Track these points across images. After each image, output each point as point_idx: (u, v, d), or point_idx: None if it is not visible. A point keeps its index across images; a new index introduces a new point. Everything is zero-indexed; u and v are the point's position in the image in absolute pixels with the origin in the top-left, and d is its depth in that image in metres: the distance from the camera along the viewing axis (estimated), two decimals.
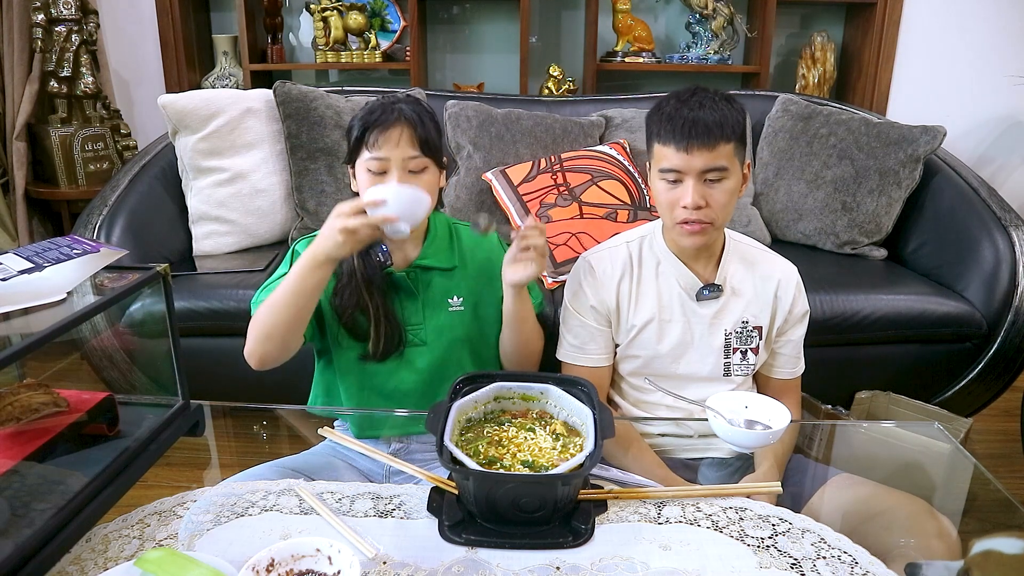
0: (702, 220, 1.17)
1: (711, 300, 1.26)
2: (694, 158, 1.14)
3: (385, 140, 1.19)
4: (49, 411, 0.88)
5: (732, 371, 1.29)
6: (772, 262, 1.31)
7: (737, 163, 1.18)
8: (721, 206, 1.18)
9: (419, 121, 1.22)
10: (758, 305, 1.28)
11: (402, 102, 1.24)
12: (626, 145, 2.37)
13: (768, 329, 1.29)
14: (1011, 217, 2.04)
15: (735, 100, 1.20)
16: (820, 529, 0.91)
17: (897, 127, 2.26)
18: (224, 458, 1.21)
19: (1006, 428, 2.23)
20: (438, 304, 1.29)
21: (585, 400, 1.00)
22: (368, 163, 1.21)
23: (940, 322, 1.93)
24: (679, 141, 1.15)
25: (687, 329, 1.27)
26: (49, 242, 0.92)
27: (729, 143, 1.16)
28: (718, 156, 1.15)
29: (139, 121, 3.03)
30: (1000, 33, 2.87)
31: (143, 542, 0.88)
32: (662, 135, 1.17)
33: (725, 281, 1.27)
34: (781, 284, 1.29)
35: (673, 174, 1.17)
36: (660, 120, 1.18)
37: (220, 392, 1.17)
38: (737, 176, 1.19)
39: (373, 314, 1.24)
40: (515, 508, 0.86)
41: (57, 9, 2.59)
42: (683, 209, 1.17)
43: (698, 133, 1.13)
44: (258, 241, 2.28)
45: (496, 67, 3.02)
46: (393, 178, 1.19)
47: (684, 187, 1.17)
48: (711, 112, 1.15)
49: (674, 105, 1.17)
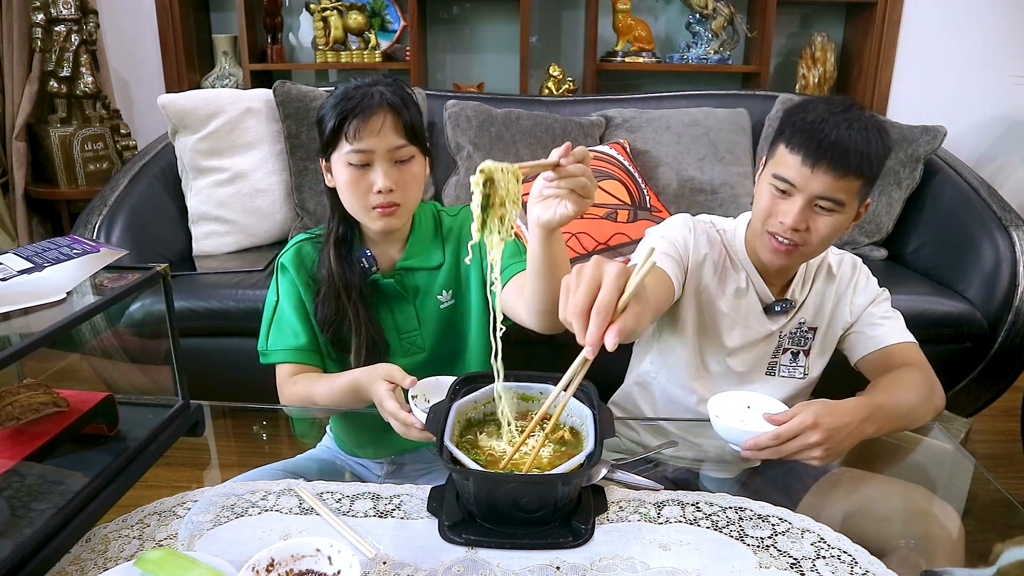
0: (794, 242, 1.09)
1: (779, 315, 1.22)
2: (815, 179, 1.05)
3: (367, 129, 1.09)
4: (49, 411, 0.87)
5: (778, 371, 1.24)
6: (837, 264, 1.25)
7: (856, 201, 1.08)
8: (820, 238, 1.09)
9: (403, 105, 1.12)
10: (815, 306, 1.23)
11: (380, 84, 1.13)
12: (626, 145, 2.37)
13: (825, 330, 1.24)
14: (1011, 217, 2.04)
15: (888, 133, 1.08)
16: (820, 529, 0.91)
17: (897, 127, 2.26)
18: (224, 458, 1.21)
19: (1006, 428, 2.23)
20: (431, 306, 1.24)
21: (585, 400, 1.00)
22: (349, 156, 1.11)
23: (940, 322, 1.93)
24: (808, 155, 1.04)
25: (747, 334, 1.23)
26: (49, 242, 0.92)
27: (859, 178, 1.05)
28: (840, 188, 1.05)
29: (139, 121, 3.03)
30: (1000, 33, 2.87)
31: (143, 542, 0.88)
32: (793, 141, 1.07)
33: (794, 295, 1.22)
34: (840, 280, 1.23)
35: (785, 184, 1.08)
36: (798, 124, 1.07)
37: (220, 392, 1.17)
38: (850, 213, 1.09)
39: (353, 322, 1.19)
40: (515, 508, 0.86)
41: (57, 9, 2.59)
42: (779, 223, 1.09)
43: (833, 156, 1.03)
44: (258, 241, 2.28)
45: (496, 67, 3.02)
46: (379, 173, 1.11)
47: (790, 203, 1.08)
48: (857, 137, 1.03)
49: (820, 114, 1.06)
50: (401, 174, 1.13)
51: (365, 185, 1.13)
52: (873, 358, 1.22)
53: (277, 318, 1.23)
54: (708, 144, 2.39)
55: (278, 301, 1.23)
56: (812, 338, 1.24)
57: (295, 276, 1.22)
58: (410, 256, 1.23)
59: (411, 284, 1.23)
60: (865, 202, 1.13)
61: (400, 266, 1.22)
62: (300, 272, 1.22)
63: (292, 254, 1.24)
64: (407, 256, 1.23)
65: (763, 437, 0.97)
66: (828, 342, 1.27)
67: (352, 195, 1.15)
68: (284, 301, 1.23)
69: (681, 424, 1.29)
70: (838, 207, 1.07)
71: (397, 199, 1.14)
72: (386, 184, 1.11)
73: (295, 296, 1.22)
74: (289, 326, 1.22)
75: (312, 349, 1.22)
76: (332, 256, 1.20)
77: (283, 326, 1.22)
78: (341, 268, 1.19)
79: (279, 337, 1.22)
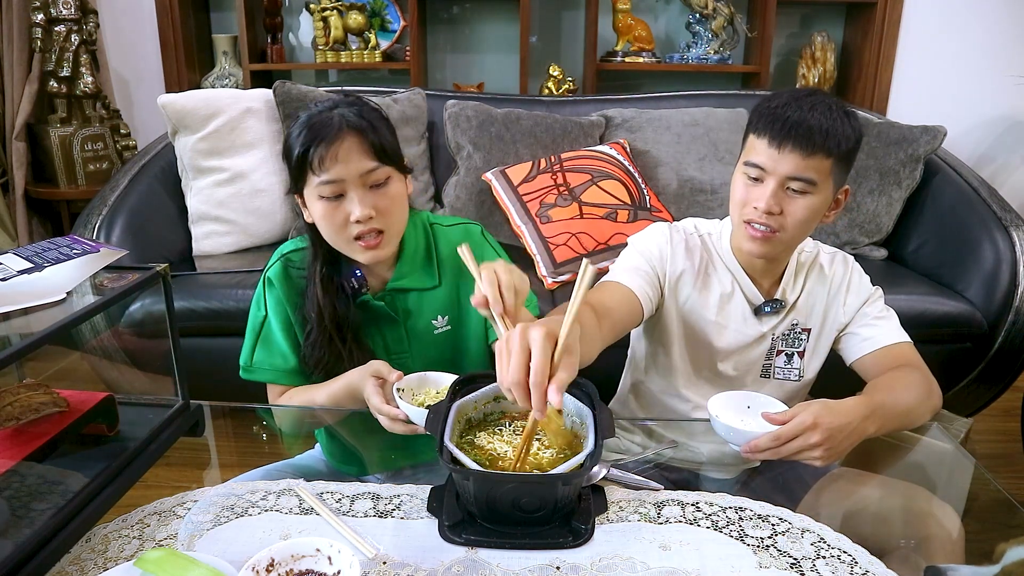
0: (770, 226, 1.09)
1: (770, 316, 1.21)
2: (783, 159, 1.06)
3: (332, 158, 1.03)
4: (49, 411, 0.87)
5: (773, 373, 1.24)
6: (829, 263, 1.24)
7: (830, 183, 1.08)
8: (796, 221, 1.09)
9: (369, 126, 1.05)
10: (808, 306, 1.22)
11: (341, 106, 1.07)
12: (626, 145, 2.37)
13: (819, 331, 1.23)
14: (1011, 217, 2.04)
15: (855, 117, 1.09)
16: (820, 529, 0.91)
17: (897, 127, 2.26)
18: (224, 458, 1.21)
19: (1006, 428, 2.23)
20: (422, 328, 1.20)
21: (585, 400, 1.00)
22: (319, 189, 1.05)
23: (940, 322, 1.93)
24: (774, 136, 1.06)
25: (739, 338, 1.22)
26: (49, 242, 0.92)
27: (828, 158, 1.06)
28: (810, 167, 1.05)
29: (139, 121, 3.03)
30: (1000, 33, 2.87)
31: (143, 542, 0.88)
32: (760, 126, 1.08)
33: (784, 294, 1.21)
34: (834, 280, 1.22)
35: (756, 170, 1.09)
36: (764, 111, 1.08)
37: (220, 392, 1.17)
38: (825, 195, 1.09)
39: (347, 361, 1.14)
40: (515, 508, 0.86)
41: (57, 9, 2.59)
42: (754, 209, 1.09)
43: (798, 134, 1.04)
44: (258, 241, 2.28)
45: (496, 67, 3.02)
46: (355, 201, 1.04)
47: (762, 188, 1.08)
48: (821, 118, 1.04)
49: (785, 99, 1.08)
50: (379, 199, 1.07)
51: (341, 217, 1.07)
52: (869, 359, 1.21)
53: (264, 335, 1.19)
54: (708, 144, 2.39)
55: (265, 317, 1.19)
56: (806, 339, 1.24)
57: (282, 293, 1.18)
58: (401, 277, 1.18)
59: (402, 305, 1.19)
60: (843, 188, 1.13)
61: (391, 287, 1.18)
62: (288, 289, 1.18)
63: (279, 269, 1.19)
64: (397, 277, 1.18)
65: (763, 439, 0.97)
66: (823, 343, 1.26)
67: (331, 228, 1.09)
68: (272, 319, 1.18)
69: (680, 425, 1.29)
70: (810, 187, 1.07)
71: (379, 225, 1.08)
72: (364, 213, 1.06)
73: (283, 315, 1.18)
74: (277, 348, 1.19)
75: (299, 372, 1.20)
76: (320, 295, 1.14)
77: (271, 346, 1.19)
78: (332, 307, 1.13)
79: (266, 356, 1.19)
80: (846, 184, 1.14)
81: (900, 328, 1.22)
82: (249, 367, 1.21)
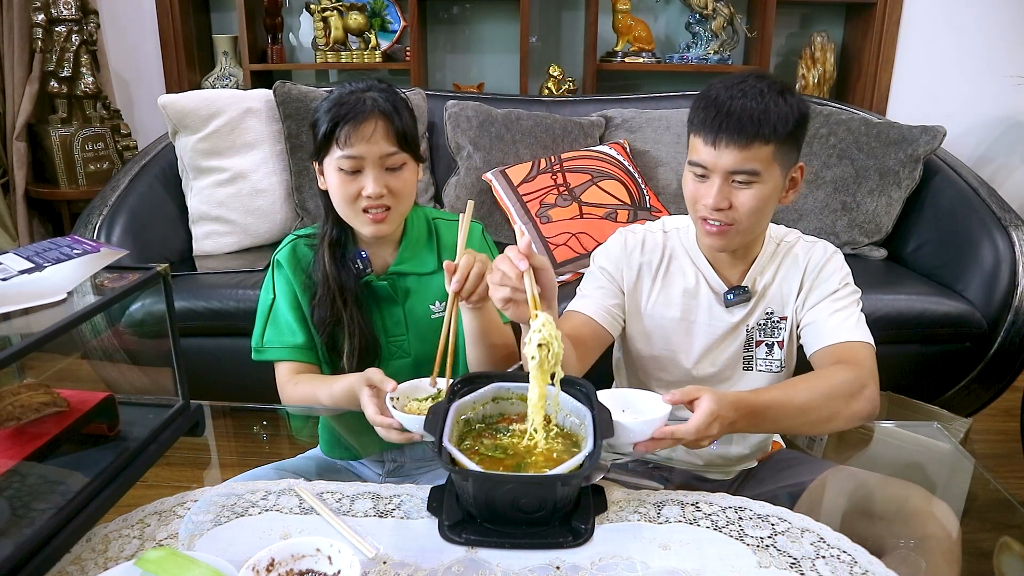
0: (724, 221, 1.09)
1: (738, 305, 1.19)
2: (722, 156, 1.04)
3: (358, 136, 1.10)
4: (49, 411, 0.88)
5: (755, 366, 1.22)
6: (807, 251, 1.20)
7: (777, 167, 1.07)
8: (748, 211, 1.07)
9: (395, 112, 1.12)
10: (782, 295, 1.19)
11: (374, 90, 1.13)
12: (626, 145, 2.37)
13: (794, 319, 1.19)
14: (1011, 217, 2.04)
15: (793, 94, 1.06)
16: (819, 528, 0.91)
17: (897, 127, 2.26)
18: (224, 458, 1.21)
19: (1006, 428, 2.23)
20: (420, 313, 1.24)
21: (583, 400, 1.00)
22: (340, 162, 1.12)
23: (940, 322, 1.93)
24: (708, 134, 1.05)
25: (710, 332, 1.21)
26: (49, 242, 0.92)
27: (767, 144, 1.04)
28: (750, 158, 1.04)
29: (139, 121, 3.03)
30: (1000, 33, 2.87)
31: (143, 542, 0.88)
32: (695, 124, 1.08)
33: (754, 283, 1.19)
34: (809, 268, 1.18)
35: (700, 169, 1.08)
36: (698, 106, 1.07)
37: (220, 392, 1.17)
38: (774, 182, 1.08)
39: (347, 325, 1.19)
40: (515, 509, 0.86)
41: (57, 9, 2.59)
42: (704, 206, 1.09)
43: (730, 128, 1.03)
44: (258, 241, 2.28)
45: (496, 67, 3.02)
46: (370, 179, 1.11)
47: (708, 185, 1.08)
48: (753, 104, 1.02)
49: (717, 90, 1.06)
50: (392, 180, 1.14)
51: (355, 190, 1.14)
52: (818, 355, 1.15)
53: (273, 315, 1.23)
54: None
55: (274, 298, 1.23)
56: (784, 328, 1.21)
57: (291, 275, 1.22)
58: (403, 260, 1.23)
59: (403, 288, 1.24)
60: (797, 166, 1.12)
61: (393, 269, 1.23)
62: (296, 271, 1.23)
63: (288, 252, 1.24)
64: (400, 260, 1.23)
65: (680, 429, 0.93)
66: (793, 334, 1.22)
67: (342, 199, 1.15)
68: (280, 299, 1.23)
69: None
70: (754, 177, 1.06)
71: (388, 203, 1.15)
72: (376, 190, 1.12)
73: (291, 295, 1.22)
74: (286, 324, 1.22)
75: (309, 347, 1.22)
76: (327, 258, 1.20)
77: (279, 323, 1.22)
78: (336, 271, 1.19)
79: (276, 334, 1.22)
80: (799, 161, 1.13)
81: (860, 325, 1.15)
82: (260, 347, 1.23)
